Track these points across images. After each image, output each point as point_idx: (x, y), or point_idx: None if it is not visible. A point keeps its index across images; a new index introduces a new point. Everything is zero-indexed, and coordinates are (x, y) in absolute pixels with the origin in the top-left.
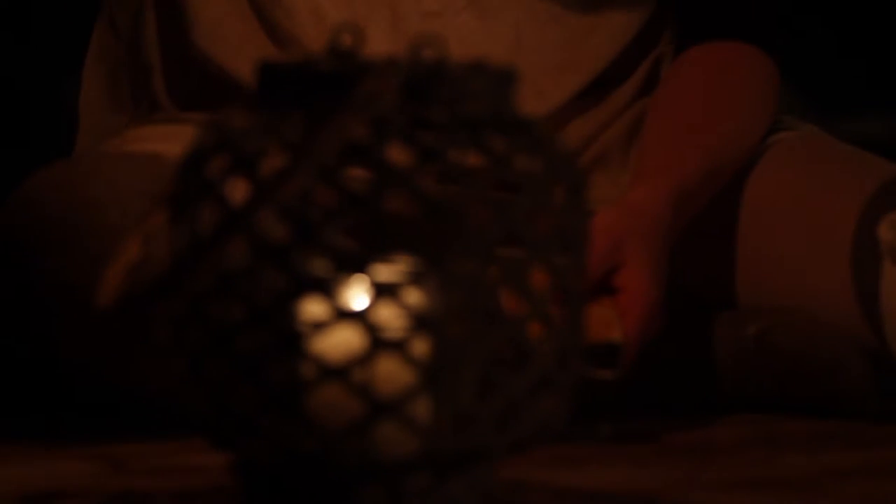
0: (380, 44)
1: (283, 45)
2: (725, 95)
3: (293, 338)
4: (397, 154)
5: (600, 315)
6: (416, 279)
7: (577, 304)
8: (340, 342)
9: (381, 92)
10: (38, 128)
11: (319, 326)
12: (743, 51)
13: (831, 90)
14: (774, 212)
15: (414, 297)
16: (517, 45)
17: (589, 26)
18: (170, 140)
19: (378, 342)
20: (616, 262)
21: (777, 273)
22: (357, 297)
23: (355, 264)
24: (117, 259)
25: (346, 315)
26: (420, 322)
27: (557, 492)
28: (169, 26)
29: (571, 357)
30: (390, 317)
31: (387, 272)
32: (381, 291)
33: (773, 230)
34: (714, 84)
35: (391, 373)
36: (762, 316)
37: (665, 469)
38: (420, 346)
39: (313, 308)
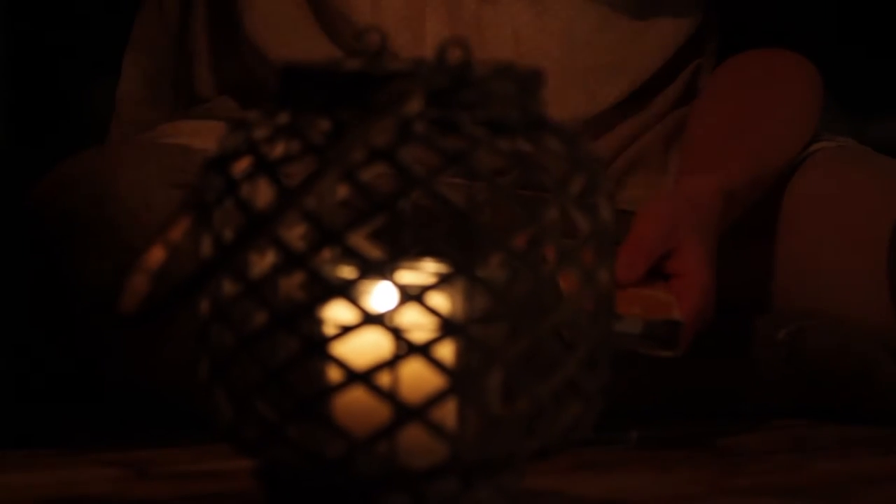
0: (436, 28)
1: (335, 33)
2: (770, 100)
3: (318, 342)
4: (422, 156)
5: (657, 297)
6: (442, 283)
7: (606, 305)
8: (366, 346)
9: (406, 95)
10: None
11: (345, 330)
12: (787, 58)
13: (861, 92)
14: (812, 217)
15: (440, 300)
16: (569, 43)
17: (638, 31)
18: (200, 135)
19: (404, 346)
20: (669, 247)
21: (813, 278)
22: (383, 300)
23: (381, 268)
24: (141, 264)
25: (372, 319)
26: (446, 326)
27: (583, 498)
28: (221, 12)
29: (599, 362)
30: (416, 321)
31: (413, 276)
32: (408, 295)
33: (809, 235)
34: (759, 89)
35: (417, 377)
36: (792, 320)
37: (692, 475)
38: (446, 351)
39: (339, 312)
